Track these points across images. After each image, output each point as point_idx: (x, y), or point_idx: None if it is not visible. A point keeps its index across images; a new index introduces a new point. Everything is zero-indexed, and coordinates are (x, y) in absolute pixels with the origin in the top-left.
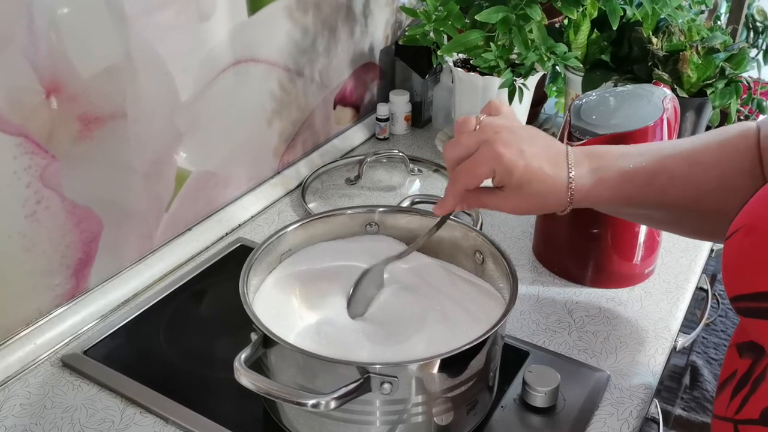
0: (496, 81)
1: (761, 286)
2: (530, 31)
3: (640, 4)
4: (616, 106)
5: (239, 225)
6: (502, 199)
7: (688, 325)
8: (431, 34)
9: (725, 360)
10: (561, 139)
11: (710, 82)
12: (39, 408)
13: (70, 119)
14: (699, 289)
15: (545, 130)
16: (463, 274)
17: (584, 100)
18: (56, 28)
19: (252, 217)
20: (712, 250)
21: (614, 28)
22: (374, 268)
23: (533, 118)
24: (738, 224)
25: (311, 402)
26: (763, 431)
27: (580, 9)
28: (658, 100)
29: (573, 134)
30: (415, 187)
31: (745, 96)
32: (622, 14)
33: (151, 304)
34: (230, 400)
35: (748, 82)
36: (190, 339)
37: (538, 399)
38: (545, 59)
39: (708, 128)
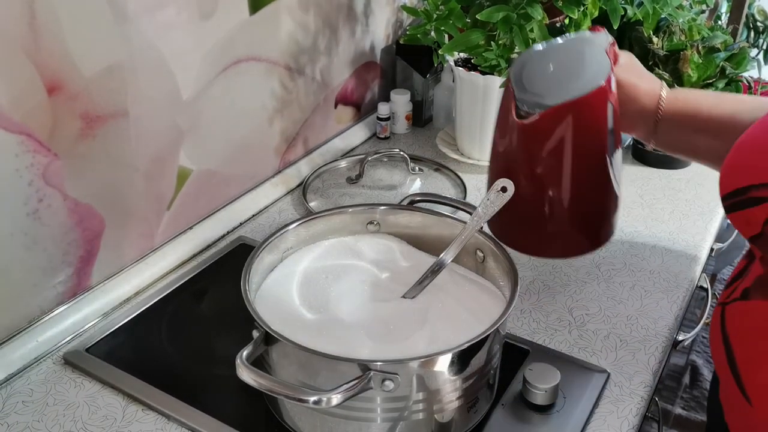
0: (497, 80)
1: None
2: (531, 30)
3: (641, 4)
4: (558, 69)
5: (240, 224)
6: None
7: (688, 324)
8: (432, 33)
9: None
10: (507, 116)
11: (711, 81)
12: (41, 405)
13: (71, 117)
14: (699, 288)
15: None
16: (463, 272)
17: (524, 69)
18: (58, 26)
19: (253, 215)
20: (712, 250)
21: (615, 28)
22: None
23: None
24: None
25: (313, 399)
26: (742, 304)
27: (581, 8)
28: (601, 50)
29: (521, 109)
30: (416, 185)
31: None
32: (622, 13)
33: (153, 302)
34: (232, 397)
35: (748, 82)
36: (192, 337)
37: (539, 397)
38: None
39: None
